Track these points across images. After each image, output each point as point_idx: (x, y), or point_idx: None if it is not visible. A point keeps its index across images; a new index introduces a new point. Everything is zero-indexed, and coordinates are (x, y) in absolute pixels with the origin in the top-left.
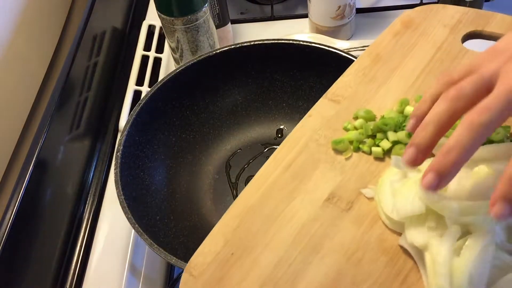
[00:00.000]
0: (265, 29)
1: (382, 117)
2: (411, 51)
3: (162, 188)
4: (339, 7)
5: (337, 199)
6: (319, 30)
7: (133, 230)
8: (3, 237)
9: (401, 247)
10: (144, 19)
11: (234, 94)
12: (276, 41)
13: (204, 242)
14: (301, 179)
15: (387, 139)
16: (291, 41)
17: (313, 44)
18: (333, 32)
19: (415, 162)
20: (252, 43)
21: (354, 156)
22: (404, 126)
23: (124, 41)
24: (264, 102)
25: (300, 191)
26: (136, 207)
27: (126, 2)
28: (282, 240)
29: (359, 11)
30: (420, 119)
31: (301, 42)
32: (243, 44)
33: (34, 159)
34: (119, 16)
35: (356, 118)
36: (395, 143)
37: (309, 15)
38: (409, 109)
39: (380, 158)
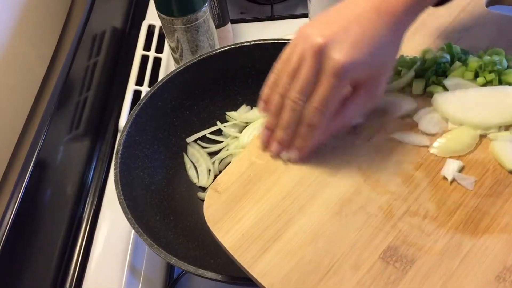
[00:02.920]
0: (265, 29)
1: (401, 56)
2: (434, 12)
3: (162, 188)
4: None
5: (359, 130)
6: None
7: (133, 230)
8: (3, 237)
9: (417, 169)
10: (144, 19)
11: (234, 94)
12: (276, 41)
13: (230, 165)
14: None
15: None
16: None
17: None
18: None
19: (277, 154)
20: (252, 43)
21: None
22: (417, 66)
23: (124, 41)
24: None
25: None
26: (136, 207)
27: (126, 2)
28: (302, 165)
29: None
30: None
31: None
32: (243, 44)
33: (34, 159)
34: (119, 16)
35: None
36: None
37: (309, 15)
38: (430, 54)
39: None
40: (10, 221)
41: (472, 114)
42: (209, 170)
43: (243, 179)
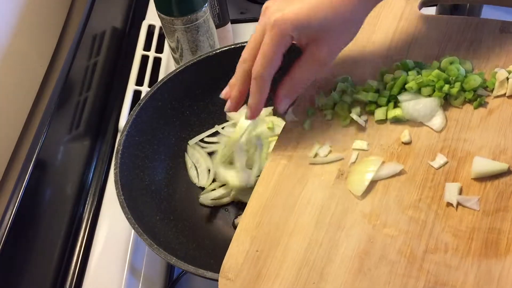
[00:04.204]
0: None
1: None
2: (376, 25)
3: (162, 188)
4: None
5: (346, 174)
6: None
7: (133, 230)
8: (3, 237)
9: (419, 201)
10: (144, 19)
11: None
12: None
13: (231, 245)
14: (306, 165)
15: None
16: None
17: None
18: None
19: (233, 109)
20: None
21: None
22: (384, 92)
23: (124, 41)
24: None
25: (308, 175)
26: (136, 207)
27: (126, 2)
28: (305, 225)
29: None
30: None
31: None
32: (243, 44)
33: (34, 159)
34: (119, 16)
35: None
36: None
37: None
38: (388, 77)
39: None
40: (10, 221)
41: None
42: (209, 170)
43: (251, 257)
